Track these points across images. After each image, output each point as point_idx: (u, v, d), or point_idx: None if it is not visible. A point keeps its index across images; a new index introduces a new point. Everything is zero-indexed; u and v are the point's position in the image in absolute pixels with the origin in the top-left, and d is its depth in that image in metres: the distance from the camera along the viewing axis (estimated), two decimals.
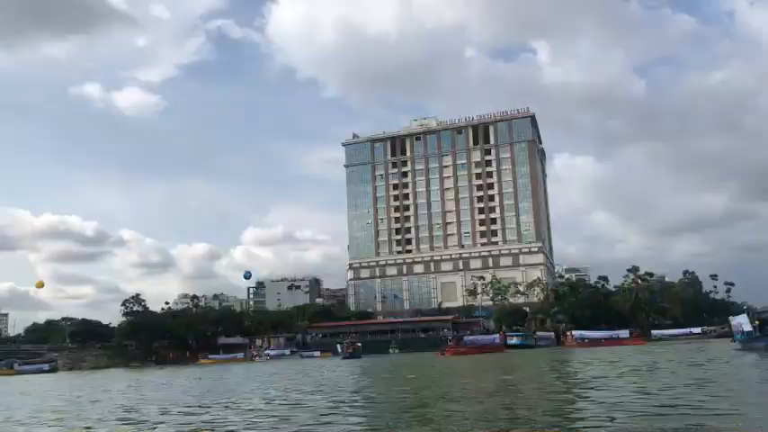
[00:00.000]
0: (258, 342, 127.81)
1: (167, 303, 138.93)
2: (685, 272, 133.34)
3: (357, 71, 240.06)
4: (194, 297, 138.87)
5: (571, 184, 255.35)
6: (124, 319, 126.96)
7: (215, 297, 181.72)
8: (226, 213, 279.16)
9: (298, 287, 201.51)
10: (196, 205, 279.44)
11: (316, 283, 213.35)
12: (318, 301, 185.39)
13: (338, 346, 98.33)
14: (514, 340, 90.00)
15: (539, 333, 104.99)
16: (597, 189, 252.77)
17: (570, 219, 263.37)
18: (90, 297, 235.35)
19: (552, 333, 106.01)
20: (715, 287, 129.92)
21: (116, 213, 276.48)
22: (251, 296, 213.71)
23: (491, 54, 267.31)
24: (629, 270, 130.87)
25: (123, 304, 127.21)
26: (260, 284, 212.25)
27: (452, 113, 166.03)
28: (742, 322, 42.88)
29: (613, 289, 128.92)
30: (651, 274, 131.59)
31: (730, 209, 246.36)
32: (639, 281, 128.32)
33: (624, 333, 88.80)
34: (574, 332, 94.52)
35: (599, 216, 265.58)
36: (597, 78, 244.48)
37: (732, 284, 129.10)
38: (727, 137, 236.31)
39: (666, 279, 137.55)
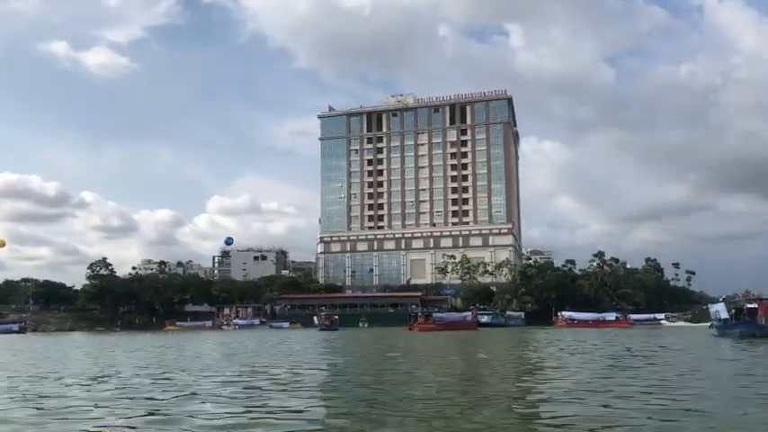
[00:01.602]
0: (226, 311, 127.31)
1: (134, 268, 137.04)
2: (648, 259, 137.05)
3: (330, 43, 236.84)
4: (162, 263, 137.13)
5: (537, 168, 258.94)
6: (88, 282, 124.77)
7: (179, 264, 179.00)
8: (191, 180, 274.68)
9: (264, 258, 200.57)
10: (161, 171, 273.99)
11: (282, 254, 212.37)
12: (284, 272, 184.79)
13: (315, 318, 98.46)
14: (485, 318, 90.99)
15: (509, 312, 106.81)
16: (562, 174, 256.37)
17: (534, 202, 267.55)
18: (48, 259, 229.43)
19: (522, 313, 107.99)
20: (676, 275, 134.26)
21: (78, 175, 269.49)
22: (216, 265, 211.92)
23: (465, 34, 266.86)
24: (595, 255, 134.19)
25: (90, 267, 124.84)
26: (225, 254, 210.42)
27: (424, 91, 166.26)
28: (719, 310, 44.51)
29: (579, 273, 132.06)
30: (616, 260, 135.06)
31: (690, 200, 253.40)
32: (605, 266, 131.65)
33: (611, 316, 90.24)
34: (564, 313, 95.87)
35: (563, 201, 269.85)
36: (568, 65, 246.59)
37: (693, 273, 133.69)
38: (692, 130, 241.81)
39: (628, 265, 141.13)
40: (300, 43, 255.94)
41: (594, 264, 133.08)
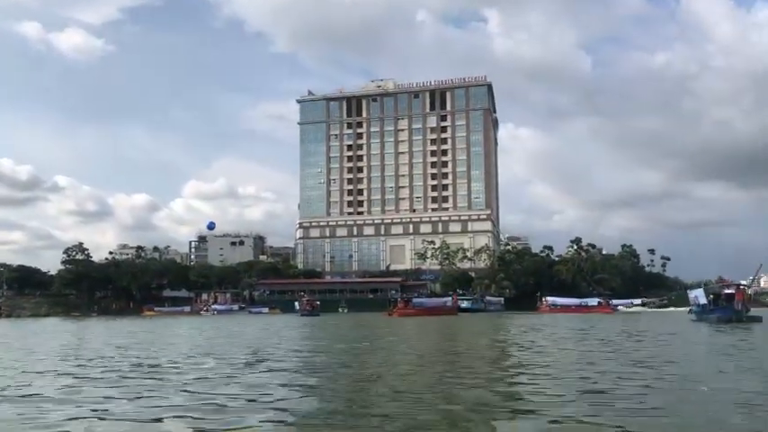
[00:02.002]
0: (204, 296, 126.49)
1: (111, 253, 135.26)
2: (624, 245, 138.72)
3: (308, 28, 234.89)
4: (139, 248, 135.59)
5: (514, 155, 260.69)
6: (63, 267, 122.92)
7: (155, 249, 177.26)
8: (166, 165, 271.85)
9: (242, 243, 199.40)
10: (136, 155, 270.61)
11: (260, 240, 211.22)
12: (262, 258, 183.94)
13: (296, 303, 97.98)
14: (465, 304, 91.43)
15: (488, 297, 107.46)
16: (539, 161, 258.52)
17: (510, 188, 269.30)
18: (21, 244, 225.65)
19: (502, 298, 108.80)
20: (652, 261, 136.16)
21: (52, 158, 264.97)
22: (193, 250, 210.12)
23: (443, 19, 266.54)
24: (572, 241, 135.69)
25: (66, 252, 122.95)
26: (202, 239, 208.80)
27: (404, 77, 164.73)
28: (698, 296, 45.61)
29: (556, 259, 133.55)
30: (593, 246, 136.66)
31: (664, 187, 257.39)
32: (582, 252, 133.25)
33: (593, 301, 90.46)
34: (548, 298, 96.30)
35: (538, 187, 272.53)
36: (545, 52, 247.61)
37: (668, 259, 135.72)
38: (667, 117, 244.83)
39: (603, 251, 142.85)
40: (278, 28, 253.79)
41: (573, 250, 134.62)
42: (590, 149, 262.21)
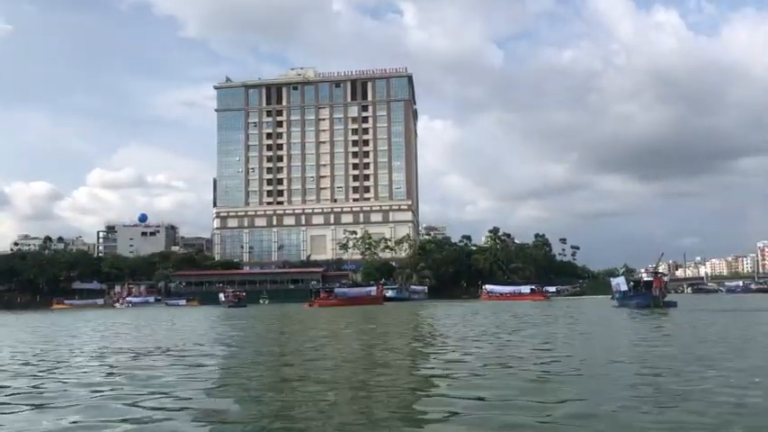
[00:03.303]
0: (117, 288, 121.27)
1: (17, 244, 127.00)
2: (537, 234, 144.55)
3: (219, 12, 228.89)
4: (47, 239, 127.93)
5: (428, 147, 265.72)
6: None
7: (60, 240, 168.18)
8: (69, 151, 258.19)
9: (153, 234, 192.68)
10: (35, 140, 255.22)
11: (172, 230, 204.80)
12: (175, 248, 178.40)
13: (220, 295, 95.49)
14: (390, 293, 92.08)
15: (413, 287, 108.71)
16: (452, 152, 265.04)
17: (426, 179, 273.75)
18: None
19: (425, 287, 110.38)
20: (563, 250, 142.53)
21: None
22: (101, 241, 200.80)
23: (359, 10, 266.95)
24: (490, 231, 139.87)
25: None
26: (110, 229, 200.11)
27: (321, 66, 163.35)
28: (620, 283, 48.60)
29: (474, 248, 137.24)
30: (508, 235, 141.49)
31: (571, 179, 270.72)
32: (498, 241, 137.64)
33: (526, 289, 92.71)
34: (486, 287, 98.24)
35: (452, 178, 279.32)
36: (459, 45, 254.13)
37: (578, 248, 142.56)
38: (574, 112, 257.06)
39: (516, 241, 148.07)
40: (188, 11, 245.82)
41: (490, 239, 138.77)
42: (501, 142, 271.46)
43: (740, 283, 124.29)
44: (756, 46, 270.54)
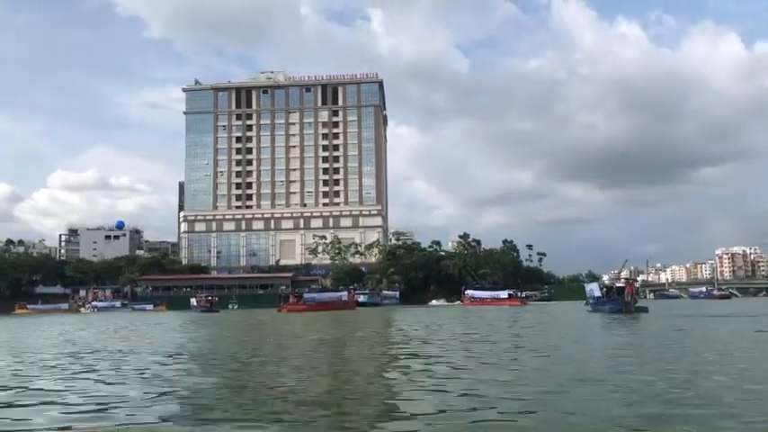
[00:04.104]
0: (82, 293, 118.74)
1: None
2: (505, 240, 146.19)
3: (184, 13, 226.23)
4: (9, 242, 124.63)
5: (395, 153, 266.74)
6: None
7: (20, 243, 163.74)
8: (30, 152, 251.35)
9: (117, 237, 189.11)
10: None
11: (136, 233, 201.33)
12: (140, 252, 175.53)
13: (192, 299, 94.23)
14: (362, 298, 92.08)
15: (384, 292, 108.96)
16: (418, 158, 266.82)
17: (393, 184, 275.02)
18: None
19: (397, 292, 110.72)
20: (530, 256, 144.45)
21: None
22: (63, 244, 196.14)
23: (326, 15, 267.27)
24: (460, 236, 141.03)
25: None
26: (73, 232, 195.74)
27: (289, 71, 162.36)
28: (594, 289, 49.57)
29: (443, 254, 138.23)
30: (478, 241, 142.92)
31: (535, 187, 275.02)
32: (468, 247, 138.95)
33: (504, 294, 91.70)
34: (468, 291, 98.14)
35: (418, 184, 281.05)
36: (425, 52, 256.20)
37: (544, 254, 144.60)
38: (538, 120, 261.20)
39: (483, 246, 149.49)
40: (153, 12, 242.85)
41: (459, 244, 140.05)
42: (466, 149, 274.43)
43: (704, 289, 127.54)
44: (715, 58, 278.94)
